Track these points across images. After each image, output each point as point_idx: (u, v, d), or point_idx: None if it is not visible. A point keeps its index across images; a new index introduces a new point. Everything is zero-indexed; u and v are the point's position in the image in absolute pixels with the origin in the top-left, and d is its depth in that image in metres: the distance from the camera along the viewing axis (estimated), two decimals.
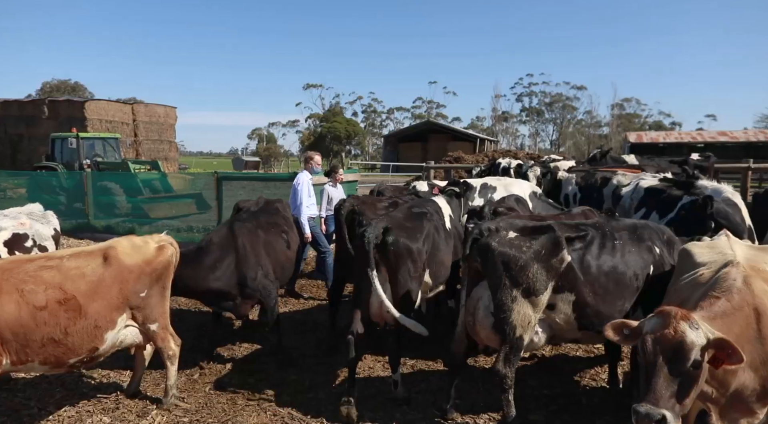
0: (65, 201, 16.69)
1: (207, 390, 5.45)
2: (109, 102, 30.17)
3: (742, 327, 2.98)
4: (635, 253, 4.79)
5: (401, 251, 5.31)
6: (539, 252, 4.57)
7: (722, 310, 3.02)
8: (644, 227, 5.10)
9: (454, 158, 30.29)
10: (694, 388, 2.80)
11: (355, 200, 6.83)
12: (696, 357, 2.75)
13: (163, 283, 4.84)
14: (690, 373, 2.76)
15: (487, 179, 9.62)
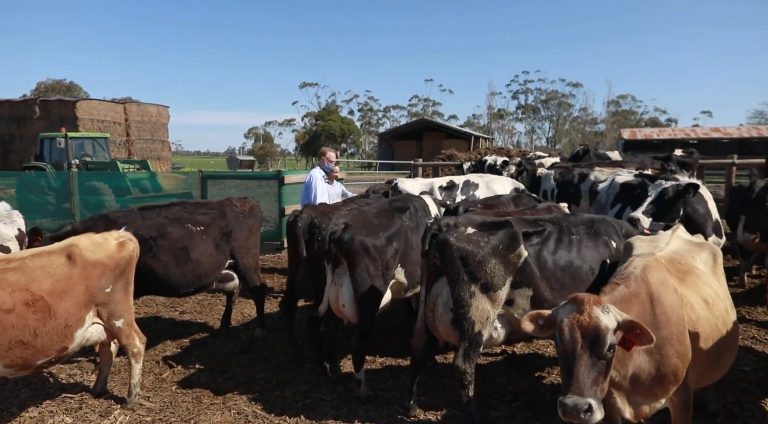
0: (54, 201, 16.68)
1: (174, 389, 5.46)
2: (101, 102, 30.17)
3: (638, 312, 3.09)
4: (592, 247, 4.82)
5: (357, 248, 5.28)
6: (497, 247, 4.59)
7: (621, 295, 3.13)
8: (601, 221, 5.12)
9: (447, 156, 30.32)
10: (609, 372, 2.88)
11: (313, 212, 6.07)
12: (611, 340, 2.81)
13: (127, 278, 4.85)
14: (606, 357, 2.82)
15: (470, 176, 9.66)
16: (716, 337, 3.43)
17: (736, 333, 3.79)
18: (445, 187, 9.34)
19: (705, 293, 3.53)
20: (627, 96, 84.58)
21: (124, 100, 40.27)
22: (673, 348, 3.11)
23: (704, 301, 3.48)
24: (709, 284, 3.65)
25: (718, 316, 3.50)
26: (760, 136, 36.74)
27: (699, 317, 3.37)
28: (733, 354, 3.79)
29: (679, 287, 3.38)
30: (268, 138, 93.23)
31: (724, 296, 3.75)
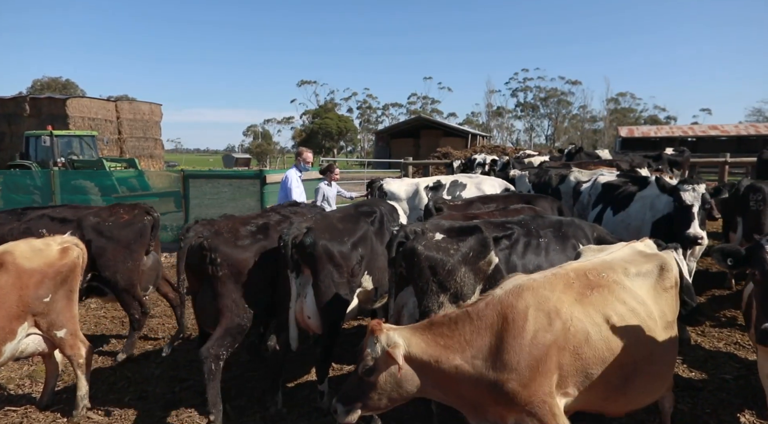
0: (39, 200, 16.46)
1: (126, 400, 5.23)
2: (92, 99, 29.96)
3: (469, 334, 3.06)
4: (559, 251, 4.60)
5: (320, 253, 4.99)
6: (467, 255, 4.35)
7: (441, 320, 3.17)
8: (570, 224, 4.89)
9: (443, 154, 30.13)
10: (371, 391, 3.10)
11: (205, 229, 4.83)
12: (368, 366, 3.07)
13: (70, 286, 4.61)
14: (364, 381, 3.11)
15: (458, 176, 9.46)
16: (618, 359, 3.09)
17: (663, 355, 3.34)
18: (432, 188, 9.12)
19: (613, 310, 3.18)
20: (626, 94, 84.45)
21: (120, 98, 40.09)
22: (515, 374, 2.95)
23: (606, 320, 3.13)
24: (626, 301, 3.26)
25: (626, 336, 3.13)
26: (758, 134, 36.44)
27: (588, 337, 3.06)
28: (658, 378, 3.38)
29: (570, 306, 3.12)
30: (267, 136, 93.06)
31: (653, 313, 3.34)
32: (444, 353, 3.04)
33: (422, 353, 3.05)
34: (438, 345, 3.06)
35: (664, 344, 3.32)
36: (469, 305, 3.21)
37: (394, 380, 3.05)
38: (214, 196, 13.81)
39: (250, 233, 4.80)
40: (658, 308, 3.41)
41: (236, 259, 4.64)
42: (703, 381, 5.63)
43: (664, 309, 3.44)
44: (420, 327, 3.18)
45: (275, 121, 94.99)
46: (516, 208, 5.89)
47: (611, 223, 6.77)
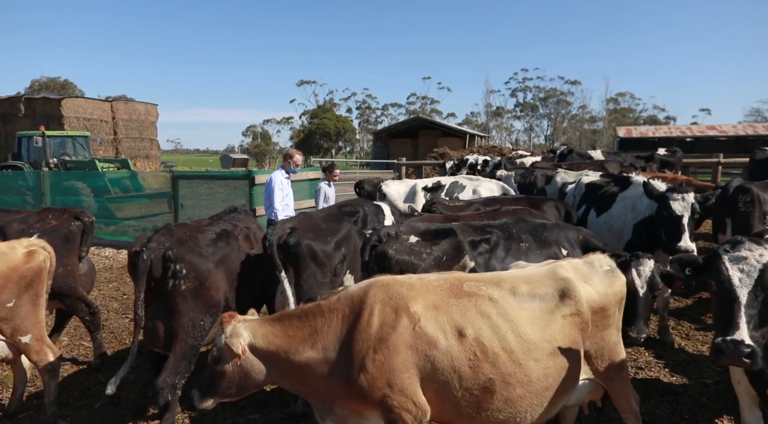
0: (32, 201, 16.41)
1: (98, 406, 5.15)
2: (87, 99, 29.90)
3: (314, 327, 3.12)
4: (540, 255, 4.53)
5: (303, 253, 5.03)
6: (440, 259, 4.31)
7: (293, 312, 3.25)
8: (553, 228, 4.84)
9: (440, 154, 30.09)
10: (220, 379, 3.20)
11: (166, 239, 4.50)
12: (214, 356, 3.19)
13: (35, 291, 4.52)
14: (213, 368, 3.22)
15: (458, 178, 9.40)
16: (469, 373, 2.98)
17: (534, 382, 3.08)
18: (430, 189, 9.07)
19: (470, 323, 3.02)
20: (625, 94, 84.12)
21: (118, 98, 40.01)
22: (363, 368, 2.97)
23: (457, 330, 3.00)
24: (491, 317, 3.07)
25: (480, 351, 2.98)
26: (756, 134, 36.33)
27: (436, 343, 2.97)
28: (524, 404, 3.10)
29: (425, 308, 3.05)
30: (266, 136, 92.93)
31: (528, 336, 3.09)
32: (294, 345, 3.09)
33: (269, 344, 3.11)
34: (288, 336, 3.12)
35: (538, 370, 3.08)
36: (323, 299, 3.25)
37: (240, 369, 3.14)
38: (203, 197, 13.75)
39: (212, 241, 4.66)
40: (544, 333, 3.14)
41: (202, 270, 4.43)
42: (683, 386, 5.55)
43: (554, 335, 3.16)
44: (271, 319, 3.26)
45: (274, 121, 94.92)
46: (506, 211, 5.81)
47: (595, 224, 6.69)
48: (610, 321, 3.41)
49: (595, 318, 3.32)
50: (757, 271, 2.86)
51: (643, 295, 4.01)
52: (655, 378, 5.77)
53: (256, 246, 5.07)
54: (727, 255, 2.98)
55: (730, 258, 2.96)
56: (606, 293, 3.41)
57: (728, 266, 2.93)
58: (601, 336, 3.35)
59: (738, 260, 2.93)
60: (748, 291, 2.83)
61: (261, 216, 11.95)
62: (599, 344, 3.36)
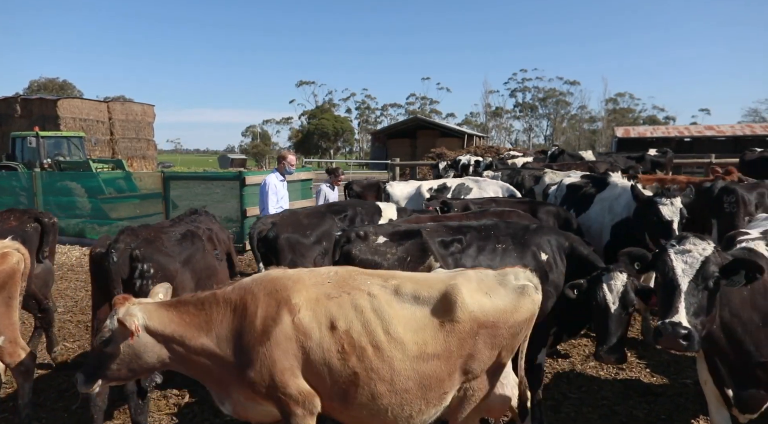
0: (25, 202, 16.41)
1: (74, 408, 5.14)
2: (84, 100, 29.97)
3: (215, 314, 3.14)
4: (517, 258, 4.46)
5: (282, 245, 5.58)
6: (404, 259, 4.29)
7: (189, 299, 3.24)
8: (536, 231, 4.70)
9: (437, 155, 30.10)
10: (109, 361, 3.13)
11: (131, 239, 4.39)
12: (105, 337, 3.10)
13: (8, 293, 4.50)
14: (102, 350, 3.14)
15: (464, 180, 9.40)
16: (336, 365, 2.99)
17: (401, 382, 3.03)
18: (436, 191, 9.08)
19: (343, 317, 3.02)
20: (625, 94, 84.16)
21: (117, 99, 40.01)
22: (250, 358, 3.03)
23: (330, 323, 3.01)
24: (364, 312, 3.04)
25: (346, 345, 2.98)
26: (754, 135, 36.29)
27: (311, 334, 3.01)
28: (388, 402, 3.05)
29: (307, 300, 3.08)
30: (266, 136, 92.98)
31: (400, 337, 3.02)
32: (189, 331, 3.11)
33: (164, 328, 3.11)
34: (184, 323, 3.13)
35: (401, 370, 3.02)
36: (219, 288, 3.28)
37: (131, 349, 3.11)
38: (199, 197, 13.77)
39: (177, 242, 4.64)
40: (416, 335, 3.05)
41: (170, 270, 4.41)
42: (663, 386, 5.55)
43: (425, 339, 3.05)
44: (167, 303, 3.25)
45: (274, 121, 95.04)
46: (495, 212, 5.81)
47: None
48: (503, 341, 3.18)
49: (483, 332, 3.12)
50: (699, 262, 3.01)
51: (615, 312, 3.88)
52: (635, 379, 5.77)
53: (219, 247, 5.08)
54: (673, 248, 3.12)
55: (676, 251, 3.10)
56: (504, 310, 3.17)
57: (673, 258, 3.07)
58: (487, 354, 3.16)
59: (682, 253, 3.07)
60: (689, 280, 2.98)
61: (253, 217, 12.00)
62: (481, 362, 3.16)
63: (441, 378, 3.09)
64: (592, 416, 5.03)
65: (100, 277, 4.28)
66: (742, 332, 3.13)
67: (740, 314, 3.12)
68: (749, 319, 3.12)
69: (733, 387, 3.31)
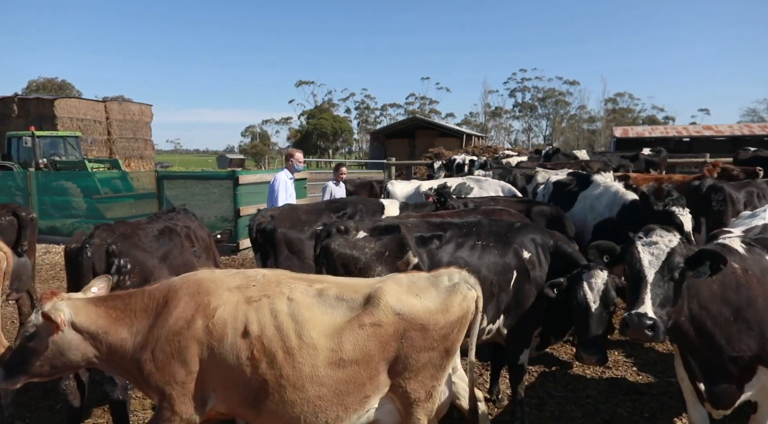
0: (21, 202, 16.41)
1: (59, 407, 5.13)
2: (81, 100, 29.98)
3: (133, 311, 3.10)
4: (497, 255, 4.46)
5: (279, 239, 5.81)
6: (382, 253, 4.30)
7: (117, 294, 3.24)
8: (520, 230, 4.68)
9: (434, 155, 30.11)
10: (33, 357, 3.04)
11: (108, 234, 4.35)
12: (29, 332, 3.03)
13: None
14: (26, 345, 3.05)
15: (465, 179, 9.40)
16: (248, 370, 2.92)
17: (314, 388, 2.94)
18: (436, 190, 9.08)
19: (256, 321, 2.96)
20: (624, 94, 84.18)
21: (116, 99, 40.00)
22: (153, 355, 2.99)
23: (244, 327, 2.94)
24: (278, 315, 2.97)
25: (258, 349, 2.92)
26: (752, 134, 36.30)
27: (225, 339, 2.94)
28: (300, 410, 2.96)
29: (226, 304, 3.02)
30: (265, 136, 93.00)
31: (314, 342, 2.94)
32: (114, 326, 3.05)
33: (91, 324, 3.04)
34: (110, 318, 3.07)
35: (313, 377, 2.93)
36: (149, 286, 3.27)
37: (55, 345, 3.03)
38: (191, 198, 13.75)
39: (155, 238, 4.64)
40: (332, 340, 2.96)
41: (148, 265, 4.38)
42: (648, 385, 5.55)
43: (342, 344, 2.95)
44: (95, 299, 3.19)
45: (273, 121, 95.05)
46: (485, 210, 5.84)
47: None
48: (434, 343, 3.06)
49: (412, 335, 3.01)
50: (665, 254, 3.05)
51: (596, 311, 3.86)
52: (621, 377, 5.77)
53: (197, 244, 5.06)
54: (640, 241, 3.16)
55: (643, 243, 3.13)
56: (434, 310, 3.07)
57: (640, 250, 3.11)
58: (415, 357, 3.03)
59: (649, 245, 3.10)
60: (656, 272, 3.02)
61: (246, 216, 11.99)
62: (410, 365, 3.04)
63: (360, 383, 2.99)
64: (575, 415, 5.02)
65: (74, 273, 4.25)
66: (712, 325, 3.13)
67: (709, 307, 3.13)
68: (719, 312, 3.13)
69: (704, 382, 3.31)
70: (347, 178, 10.96)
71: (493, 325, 4.43)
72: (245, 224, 12.11)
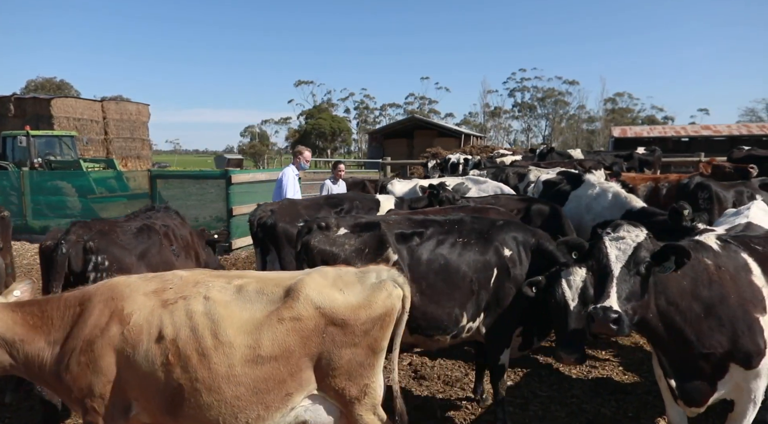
0: (16, 201, 16.39)
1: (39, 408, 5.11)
2: (78, 99, 29.90)
3: (51, 318, 3.02)
4: (478, 253, 4.44)
5: (279, 234, 5.98)
6: (362, 250, 4.29)
7: (35, 300, 3.15)
8: (502, 227, 4.65)
9: (432, 154, 30.11)
10: None
11: (84, 231, 4.35)
12: None
13: None
14: None
15: (464, 179, 9.37)
16: (161, 376, 2.86)
17: (232, 388, 2.88)
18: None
19: (171, 323, 2.90)
20: (624, 94, 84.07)
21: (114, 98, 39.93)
22: (69, 365, 2.92)
23: (159, 331, 2.87)
24: (193, 316, 2.91)
25: (171, 353, 2.86)
26: (750, 134, 36.21)
27: (140, 344, 2.88)
28: (219, 414, 2.91)
29: (141, 309, 2.95)
30: (265, 136, 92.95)
31: (230, 340, 2.88)
32: (31, 335, 2.98)
33: (7, 330, 2.96)
34: (27, 325, 2.99)
35: (229, 377, 2.87)
36: (67, 292, 3.21)
37: None
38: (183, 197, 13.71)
39: (133, 235, 4.60)
40: (249, 337, 2.91)
41: (126, 263, 4.35)
42: (633, 384, 5.53)
43: (260, 341, 2.90)
44: (14, 304, 3.10)
45: (272, 121, 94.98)
46: (473, 208, 5.84)
47: None
48: (356, 339, 3.00)
49: (333, 330, 2.97)
50: (632, 249, 3.03)
51: (574, 309, 3.86)
52: (606, 377, 5.74)
53: (177, 243, 5.02)
54: (608, 236, 3.15)
55: (611, 238, 3.12)
56: (356, 306, 3.01)
57: (607, 245, 3.09)
58: (338, 353, 2.98)
59: (617, 240, 3.09)
60: (622, 266, 3.00)
61: (239, 215, 11.96)
62: (334, 361, 2.99)
63: (281, 379, 2.92)
64: (559, 414, 4.99)
65: (49, 271, 4.20)
66: (681, 321, 3.11)
67: (678, 302, 3.10)
68: (688, 308, 3.10)
69: (675, 378, 3.29)
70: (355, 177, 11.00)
71: (473, 323, 4.40)
72: (237, 224, 12.14)
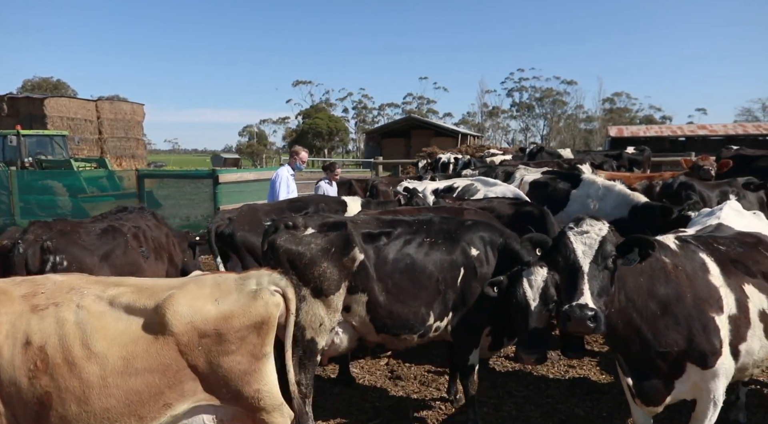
0: (6, 201, 16.34)
1: None
2: (72, 99, 29.81)
3: None
4: (445, 253, 4.42)
5: (239, 244, 5.71)
6: (328, 250, 4.24)
7: None
8: (469, 227, 4.64)
9: (428, 154, 30.09)
10: None
11: (43, 231, 4.29)
12: None
13: None
14: None
15: (473, 181, 9.26)
16: (27, 386, 2.77)
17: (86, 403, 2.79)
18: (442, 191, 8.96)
19: (39, 330, 2.82)
20: (622, 93, 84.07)
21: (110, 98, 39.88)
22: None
23: (26, 340, 2.78)
24: (64, 324, 2.83)
25: (43, 363, 2.77)
26: (746, 134, 36.17)
27: (2, 355, 2.78)
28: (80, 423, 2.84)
29: (8, 314, 2.84)
30: (263, 136, 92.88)
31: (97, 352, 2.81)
32: None
33: None
34: None
35: (100, 388, 2.80)
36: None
37: None
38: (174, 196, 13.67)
39: (96, 236, 4.54)
40: (123, 349, 2.84)
41: (86, 263, 4.29)
42: (609, 384, 5.48)
43: (136, 353, 2.85)
44: None
45: (271, 121, 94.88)
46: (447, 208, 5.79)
47: None
48: (233, 347, 2.95)
49: (207, 342, 2.91)
50: (597, 243, 3.00)
51: (536, 309, 3.84)
52: (583, 376, 5.70)
53: (146, 244, 4.96)
54: (572, 231, 3.11)
55: (575, 233, 3.08)
56: (229, 315, 2.96)
57: (573, 240, 3.05)
58: (217, 362, 2.93)
59: (581, 234, 3.05)
60: (590, 261, 2.96)
61: None
62: (215, 371, 2.95)
63: (158, 391, 2.86)
64: (533, 415, 4.95)
65: (6, 271, 4.13)
66: (638, 318, 3.07)
67: (635, 299, 3.07)
68: (644, 306, 3.07)
69: (632, 377, 3.25)
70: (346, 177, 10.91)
71: (440, 323, 4.37)
72: None
